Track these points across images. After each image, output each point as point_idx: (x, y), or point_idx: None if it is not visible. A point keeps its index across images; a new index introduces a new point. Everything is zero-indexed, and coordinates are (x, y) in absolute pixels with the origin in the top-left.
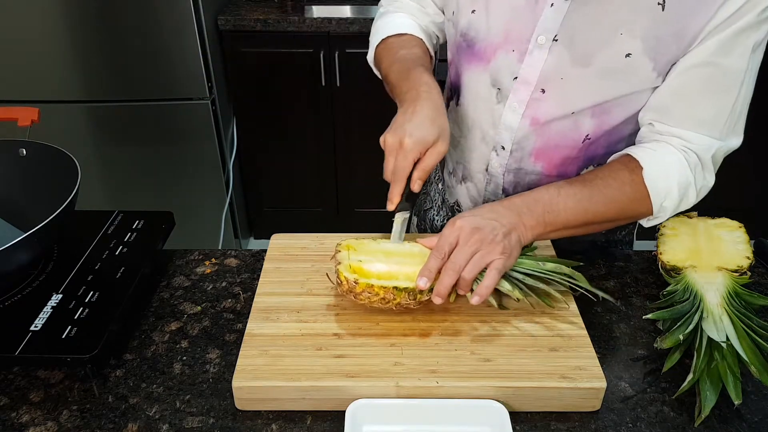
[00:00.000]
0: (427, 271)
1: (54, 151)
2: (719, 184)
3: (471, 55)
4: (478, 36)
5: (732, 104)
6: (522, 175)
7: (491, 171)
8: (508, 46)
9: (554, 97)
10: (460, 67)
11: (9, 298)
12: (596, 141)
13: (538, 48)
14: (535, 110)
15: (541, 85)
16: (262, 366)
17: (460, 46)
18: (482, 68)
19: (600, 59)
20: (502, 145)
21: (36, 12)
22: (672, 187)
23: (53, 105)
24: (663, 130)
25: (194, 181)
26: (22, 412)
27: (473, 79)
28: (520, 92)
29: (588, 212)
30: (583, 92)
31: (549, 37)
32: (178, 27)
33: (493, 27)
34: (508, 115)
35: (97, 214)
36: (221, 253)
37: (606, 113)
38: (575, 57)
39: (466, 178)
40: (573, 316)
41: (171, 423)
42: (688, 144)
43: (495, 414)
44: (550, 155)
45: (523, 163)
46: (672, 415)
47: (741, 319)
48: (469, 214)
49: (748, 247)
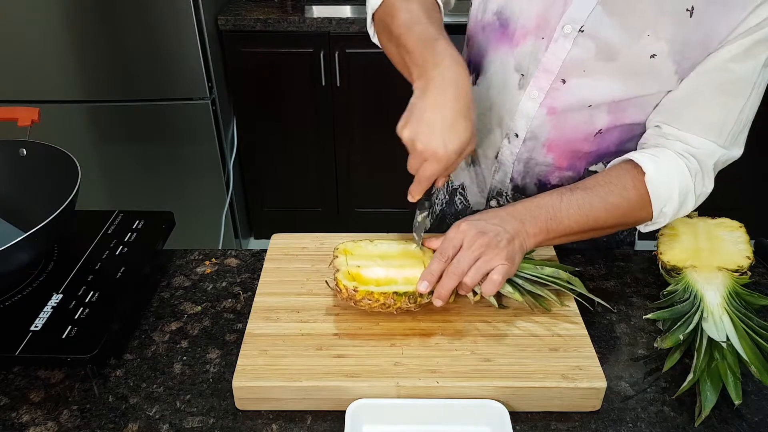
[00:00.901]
0: (429, 274)
1: (54, 151)
2: (719, 184)
3: (502, 36)
4: (513, 17)
5: (739, 112)
6: (532, 166)
7: (501, 159)
8: (539, 33)
9: (574, 89)
10: (485, 47)
11: (9, 298)
12: (608, 137)
13: (563, 37)
14: (553, 100)
15: (563, 75)
16: (263, 366)
17: (491, 25)
18: (509, 51)
19: (624, 57)
20: (516, 133)
21: (36, 12)
22: (673, 192)
23: (53, 105)
24: (670, 133)
25: (194, 181)
26: (22, 412)
27: (498, 61)
28: (541, 80)
29: (590, 219)
30: (603, 87)
31: (575, 28)
32: (178, 27)
33: (529, 10)
34: (527, 103)
35: (97, 214)
36: (221, 253)
37: (622, 111)
38: (600, 51)
39: (474, 162)
40: (573, 316)
41: (171, 423)
42: (691, 149)
43: (495, 414)
44: (562, 147)
45: (535, 153)
46: (672, 415)
47: (741, 319)
48: (474, 218)
49: (748, 247)
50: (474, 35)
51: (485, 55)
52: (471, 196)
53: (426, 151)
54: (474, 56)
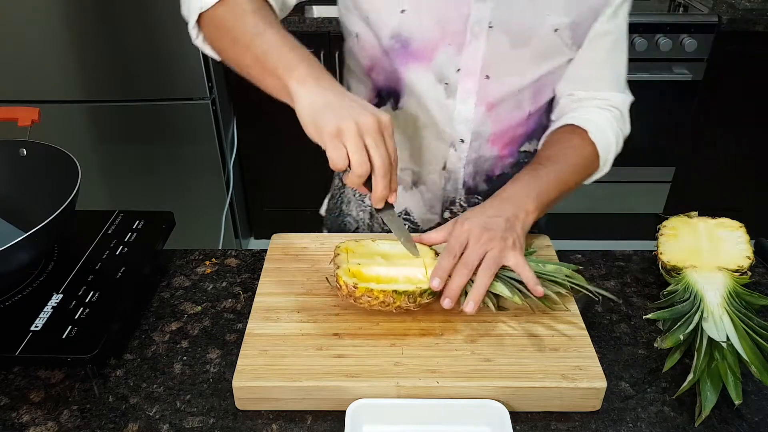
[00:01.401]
0: (440, 270)
1: (54, 151)
2: (719, 184)
3: (408, 55)
4: (412, 36)
5: (626, 62)
6: (481, 163)
7: (450, 167)
8: (446, 41)
9: (500, 81)
10: (395, 69)
11: (9, 298)
12: (535, 116)
13: (475, 37)
14: (486, 96)
15: (486, 72)
16: (263, 366)
17: (392, 49)
18: (424, 67)
19: (536, 38)
20: (461, 138)
21: (36, 12)
22: (611, 140)
23: (53, 105)
24: (585, 96)
25: (194, 181)
26: (22, 412)
27: (416, 79)
28: (467, 83)
29: (565, 183)
30: (524, 72)
31: (484, 26)
32: (178, 27)
33: (427, 24)
34: (461, 108)
35: (97, 214)
36: (221, 253)
37: (543, 89)
38: (512, 40)
39: (417, 183)
40: (573, 317)
41: (171, 423)
42: (609, 102)
43: (495, 414)
44: (503, 137)
45: (482, 150)
46: (672, 415)
47: (741, 319)
48: (473, 215)
49: (748, 246)
50: (377, 62)
51: (400, 77)
52: (419, 216)
53: (371, 125)
54: (384, 81)
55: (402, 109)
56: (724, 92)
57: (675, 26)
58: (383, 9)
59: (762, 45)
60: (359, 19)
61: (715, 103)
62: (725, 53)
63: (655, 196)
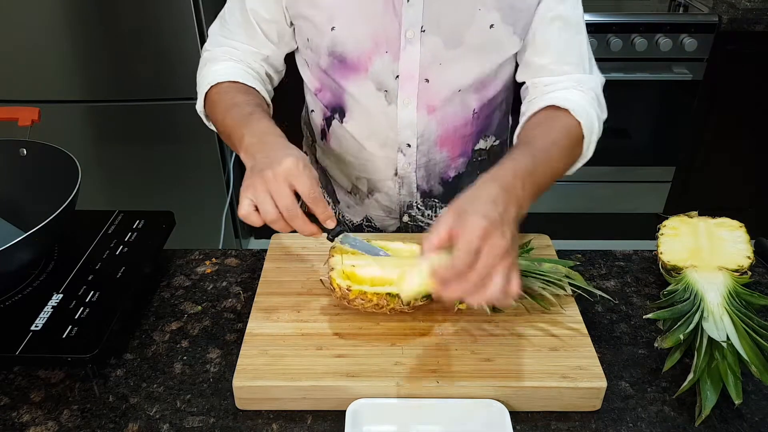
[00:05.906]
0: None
1: (54, 151)
2: (719, 184)
3: (346, 69)
4: (347, 49)
5: (587, 45)
6: (432, 166)
7: (401, 173)
8: (381, 49)
9: (440, 83)
10: (337, 86)
11: (9, 298)
12: (481, 114)
13: (409, 43)
14: (427, 99)
15: (424, 75)
16: (263, 366)
17: (331, 65)
18: (362, 77)
19: (469, 37)
20: (408, 143)
21: (36, 12)
22: (594, 121)
23: (53, 105)
24: (549, 82)
25: (194, 181)
26: (22, 411)
27: (357, 90)
28: (406, 88)
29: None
30: (463, 71)
31: (416, 31)
32: (178, 27)
33: (359, 36)
34: (404, 113)
35: (97, 214)
36: (221, 253)
37: (486, 86)
38: (446, 41)
39: (372, 191)
40: (573, 316)
41: (171, 423)
42: (583, 84)
43: (495, 414)
44: (451, 138)
45: (431, 153)
46: (672, 414)
47: (741, 319)
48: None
49: (748, 246)
50: (323, 82)
51: (343, 92)
52: (379, 222)
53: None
54: (331, 98)
55: (348, 122)
56: (724, 92)
57: (675, 26)
58: (317, 29)
59: (762, 45)
60: (305, 47)
61: (715, 103)
62: (725, 53)
63: (655, 196)
